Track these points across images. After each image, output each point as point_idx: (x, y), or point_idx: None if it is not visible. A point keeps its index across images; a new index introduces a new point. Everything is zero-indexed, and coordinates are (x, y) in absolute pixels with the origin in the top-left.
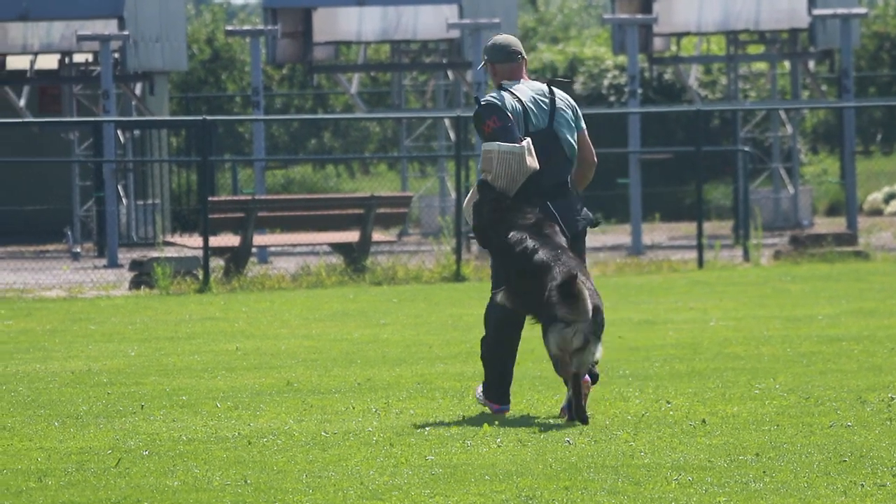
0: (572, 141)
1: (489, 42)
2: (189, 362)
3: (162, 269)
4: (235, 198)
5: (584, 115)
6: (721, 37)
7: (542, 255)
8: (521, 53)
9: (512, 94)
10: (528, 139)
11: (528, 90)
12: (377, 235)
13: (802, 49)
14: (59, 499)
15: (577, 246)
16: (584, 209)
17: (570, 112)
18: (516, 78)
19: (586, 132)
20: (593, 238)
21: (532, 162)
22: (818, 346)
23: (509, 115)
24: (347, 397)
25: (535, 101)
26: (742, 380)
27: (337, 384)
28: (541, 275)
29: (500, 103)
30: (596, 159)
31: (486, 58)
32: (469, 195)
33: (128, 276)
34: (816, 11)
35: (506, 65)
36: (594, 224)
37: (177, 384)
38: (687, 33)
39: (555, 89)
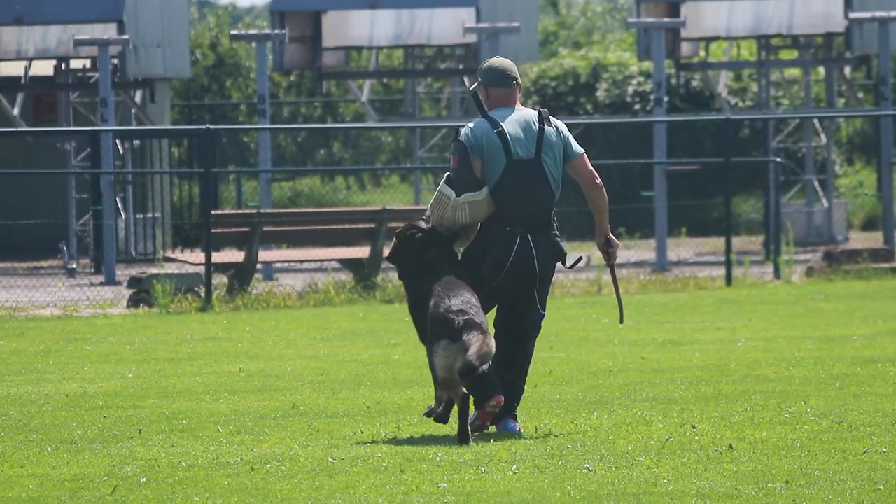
0: (558, 173)
1: (484, 64)
2: (190, 384)
3: (162, 286)
4: (240, 211)
5: (607, 123)
6: (752, 41)
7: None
8: (516, 79)
9: (495, 123)
10: (479, 192)
11: (515, 119)
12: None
13: (838, 54)
14: None
15: (544, 284)
16: (561, 245)
17: (560, 142)
18: (509, 104)
19: (585, 156)
20: (616, 254)
21: (460, 216)
22: (852, 367)
23: (476, 154)
24: (356, 421)
25: (522, 131)
26: (771, 403)
27: (345, 407)
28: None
29: (468, 140)
30: (599, 180)
31: (479, 80)
32: None
33: (126, 293)
34: (853, 15)
35: (500, 89)
36: (564, 262)
37: (176, 407)
38: (716, 38)
39: (546, 116)
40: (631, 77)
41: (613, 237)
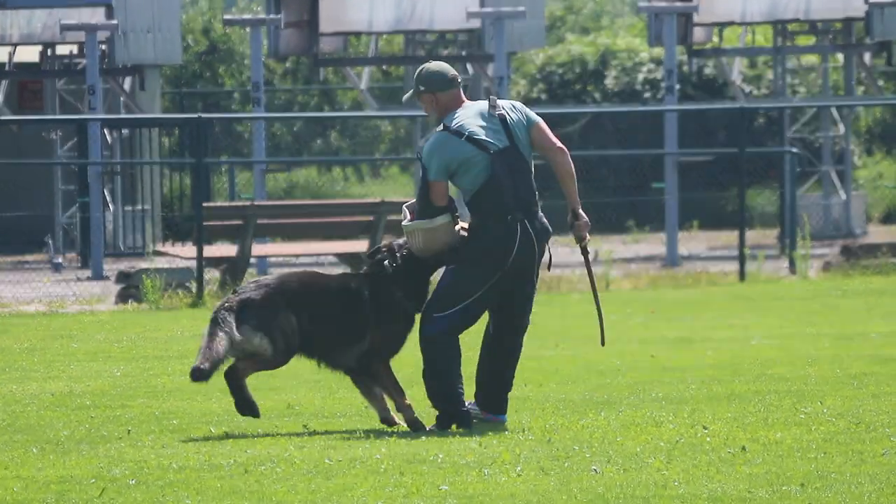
0: (531, 152)
1: (423, 72)
2: (180, 383)
3: (151, 281)
4: (233, 203)
5: (616, 112)
6: (768, 27)
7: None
8: (457, 76)
9: (458, 132)
10: (432, 220)
11: (474, 116)
12: None
13: (857, 40)
14: None
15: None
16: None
17: (521, 118)
18: (459, 104)
19: (541, 122)
20: (625, 248)
21: (413, 241)
22: (871, 366)
23: (445, 175)
24: (353, 421)
25: (486, 124)
26: (786, 403)
27: (342, 407)
28: None
29: (438, 168)
30: (560, 143)
31: (422, 88)
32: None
33: (114, 289)
34: None
35: (450, 92)
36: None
37: (167, 407)
38: (730, 23)
39: (497, 101)
40: (641, 64)
41: (583, 213)
